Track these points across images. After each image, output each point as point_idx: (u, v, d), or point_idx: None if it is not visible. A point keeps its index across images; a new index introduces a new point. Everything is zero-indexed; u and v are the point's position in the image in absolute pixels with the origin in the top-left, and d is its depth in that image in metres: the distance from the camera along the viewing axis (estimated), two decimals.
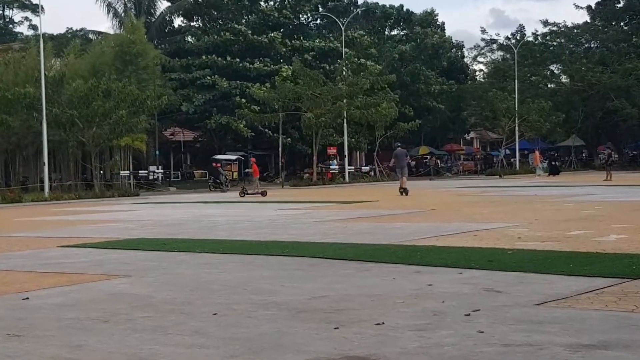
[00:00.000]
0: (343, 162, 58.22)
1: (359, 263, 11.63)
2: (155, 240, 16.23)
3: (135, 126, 46.33)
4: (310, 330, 7.14)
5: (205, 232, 18.15)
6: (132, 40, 50.99)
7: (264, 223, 20.31)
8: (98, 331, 7.37)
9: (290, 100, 54.11)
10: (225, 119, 57.32)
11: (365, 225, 18.81)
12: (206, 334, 7.08)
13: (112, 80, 45.21)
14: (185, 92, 57.67)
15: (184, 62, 60.20)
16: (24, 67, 49.54)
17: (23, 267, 12.45)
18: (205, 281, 10.36)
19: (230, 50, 61.18)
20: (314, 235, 16.15)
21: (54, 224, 22.93)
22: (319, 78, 54.35)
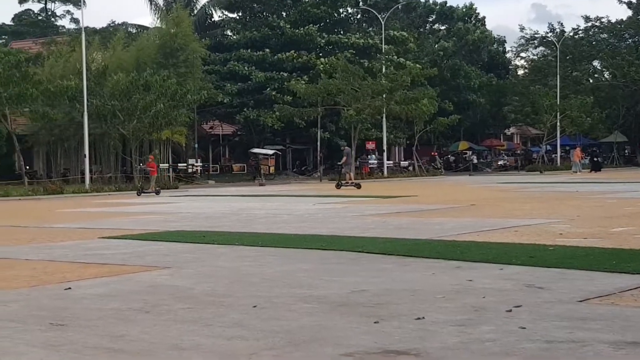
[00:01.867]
0: (382, 157, 58.06)
1: (399, 258, 11.60)
2: (194, 233, 16.32)
3: (174, 119, 46.57)
4: (350, 324, 7.13)
5: (244, 225, 18.20)
6: (174, 33, 51.21)
7: (303, 217, 20.33)
8: (139, 322, 7.42)
9: (329, 95, 54.02)
10: (256, 113, 57.44)
11: (404, 220, 18.75)
12: (246, 326, 7.11)
13: (151, 74, 45.45)
14: (221, 84, 57.87)
15: (223, 56, 60.37)
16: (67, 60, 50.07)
17: (65, 257, 12.58)
18: (245, 274, 10.39)
19: (267, 43, 61.30)
20: (353, 230, 16.14)
21: (94, 215, 23.15)
22: (359, 73, 54.20)
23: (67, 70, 48.43)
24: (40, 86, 44.41)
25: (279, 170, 61.24)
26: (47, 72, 49.46)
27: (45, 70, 50.08)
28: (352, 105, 53.35)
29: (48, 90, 44.32)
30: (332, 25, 65.48)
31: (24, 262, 12.06)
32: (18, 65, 45.31)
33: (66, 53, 51.51)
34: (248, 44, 61.08)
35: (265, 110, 57.45)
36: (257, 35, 60.87)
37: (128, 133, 44.92)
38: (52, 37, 65.96)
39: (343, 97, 53.57)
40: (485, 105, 73.65)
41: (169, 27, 52.49)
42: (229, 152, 71.54)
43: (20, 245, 14.69)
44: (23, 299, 8.78)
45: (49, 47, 57.39)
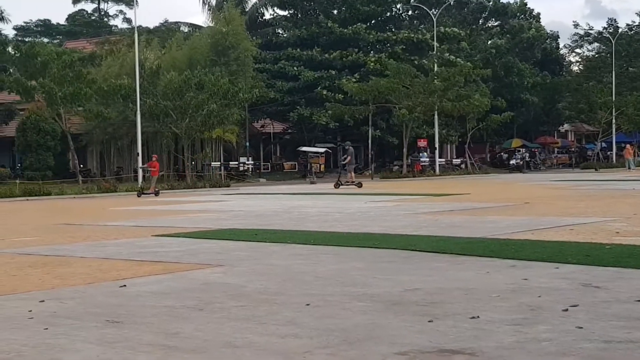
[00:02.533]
0: (433, 155, 57.79)
1: (452, 256, 11.53)
2: (246, 231, 16.39)
3: (226, 118, 46.87)
4: (404, 322, 7.10)
5: (296, 223, 18.24)
6: (225, 32, 51.51)
7: (354, 215, 20.32)
8: (193, 319, 7.47)
9: (380, 93, 53.91)
10: (308, 111, 57.50)
11: (457, 218, 18.64)
12: (300, 324, 7.11)
13: (204, 73, 45.78)
14: (272, 83, 58.07)
15: (273, 55, 60.56)
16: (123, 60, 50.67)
17: (119, 255, 12.72)
18: (298, 272, 10.41)
19: (317, 42, 61.38)
20: (406, 228, 16.08)
21: (147, 213, 23.38)
22: (411, 71, 54.00)
23: (123, 69, 49.03)
24: (93, 85, 44.97)
25: (329, 169, 61.27)
26: (103, 72, 50.11)
27: (102, 70, 50.75)
28: (403, 102, 53.17)
29: (101, 90, 44.88)
30: (383, 23, 65.32)
31: (79, 260, 12.22)
32: (72, 65, 45.98)
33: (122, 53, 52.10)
34: (297, 43, 61.23)
35: (317, 108, 57.51)
36: (305, 34, 60.99)
37: (180, 132, 45.31)
38: (105, 36, 66.85)
39: (394, 96, 53.42)
40: (539, 102, 72.84)
41: (221, 26, 52.80)
42: (280, 151, 71.78)
43: (76, 243, 14.89)
44: (79, 296, 8.89)
45: (103, 46, 58.14)
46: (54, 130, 48.52)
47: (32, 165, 48.17)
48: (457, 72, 54.09)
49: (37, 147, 48.21)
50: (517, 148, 71.85)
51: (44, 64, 46.01)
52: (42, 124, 48.09)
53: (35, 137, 47.97)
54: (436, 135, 56.41)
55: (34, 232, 17.40)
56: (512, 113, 60.87)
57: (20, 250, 13.80)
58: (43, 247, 14.24)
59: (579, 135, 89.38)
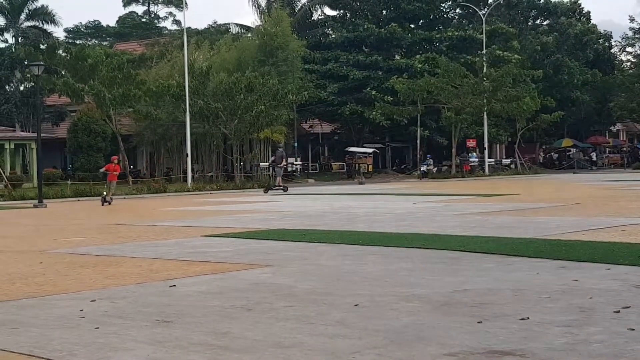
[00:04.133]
0: (483, 155, 57.44)
1: (501, 257, 11.45)
2: (295, 231, 16.44)
3: (275, 119, 47.04)
4: (453, 323, 7.08)
5: (344, 223, 18.25)
6: (274, 32, 51.66)
7: (403, 215, 20.27)
8: (242, 319, 7.52)
9: (429, 93, 53.72)
10: (360, 108, 57.47)
11: (506, 218, 18.51)
12: (348, 325, 7.12)
13: (254, 75, 45.97)
14: (321, 83, 58.14)
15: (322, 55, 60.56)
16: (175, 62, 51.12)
17: (169, 255, 12.84)
18: (346, 272, 10.42)
19: (365, 42, 61.39)
20: (455, 228, 16.01)
21: (197, 214, 23.55)
22: (460, 70, 53.71)
23: (174, 71, 49.49)
24: (142, 87, 45.39)
25: (378, 169, 61.19)
26: (154, 74, 50.59)
27: (152, 72, 51.25)
28: (452, 102, 52.92)
29: (150, 91, 45.28)
30: (430, 23, 65.08)
31: (129, 260, 12.36)
32: (121, 67, 46.48)
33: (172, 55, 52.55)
34: (345, 44, 61.20)
35: (367, 108, 57.46)
36: (353, 36, 60.99)
37: (230, 132, 45.56)
38: (155, 38, 67.45)
39: (443, 96, 53.17)
40: (590, 101, 71.94)
41: (269, 27, 53.01)
42: (328, 151, 71.85)
43: (126, 243, 15.06)
44: (130, 295, 9.00)
45: (152, 48, 58.70)
46: (105, 131, 49.13)
47: (83, 166, 48.82)
48: (506, 72, 53.65)
49: (87, 148, 48.87)
50: (568, 148, 71.16)
51: (93, 66, 46.60)
52: (92, 125, 48.73)
53: (86, 138, 48.63)
54: (485, 135, 56.07)
55: (85, 233, 17.64)
56: (562, 112, 60.21)
57: (71, 250, 14.00)
58: (94, 247, 14.43)
59: (631, 134, 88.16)
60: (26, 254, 13.55)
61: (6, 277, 10.71)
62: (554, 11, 76.73)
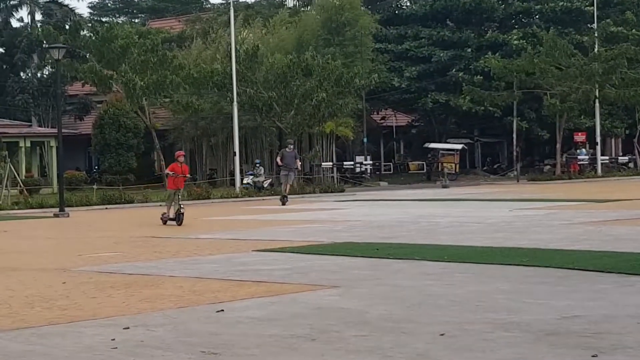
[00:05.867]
0: (594, 151, 56.80)
1: (620, 276, 11.35)
2: (366, 245, 16.45)
3: (339, 109, 46.96)
4: (562, 357, 7.04)
5: (425, 235, 18.21)
6: (340, 5, 51.52)
7: (496, 226, 20.17)
8: (305, 351, 7.55)
9: (529, 76, 53.19)
10: (445, 97, 57.10)
11: (625, 229, 18.31)
12: (433, 358, 7.11)
13: (313, 55, 45.88)
14: (396, 65, 57.91)
15: (397, 32, 60.37)
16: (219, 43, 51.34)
17: (215, 273, 12.94)
18: (428, 294, 10.40)
19: (450, 16, 61.02)
20: (561, 241, 15.89)
21: (247, 224, 23.70)
22: (568, 48, 53.07)
23: (219, 53, 49.67)
24: (181, 72, 45.50)
25: (465, 169, 60.89)
26: (194, 56, 50.87)
27: (192, 54, 51.55)
28: (555, 88, 52.34)
29: (190, 77, 45.35)
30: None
31: (168, 279, 12.49)
32: (155, 48, 46.61)
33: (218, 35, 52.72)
34: (426, 17, 60.88)
35: (452, 94, 57.07)
36: (437, 6, 60.65)
37: (285, 126, 45.67)
38: (196, 13, 67.86)
39: (546, 80, 52.56)
40: None
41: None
42: (404, 147, 71.71)
43: (164, 259, 15.21)
44: (170, 322, 9.10)
45: (193, 25, 59.04)
46: (136, 126, 49.56)
47: (111, 167, 49.34)
48: (622, 51, 52.80)
49: (116, 146, 49.32)
50: None
51: (123, 47, 46.82)
52: (122, 119, 49.14)
53: (115, 134, 49.07)
54: (597, 128, 55.34)
55: (115, 247, 17.85)
56: None
57: (100, 267, 14.19)
58: (126, 264, 14.60)
59: None
60: (47, 273, 13.77)
61: (24, 300, 10.90)
62: None
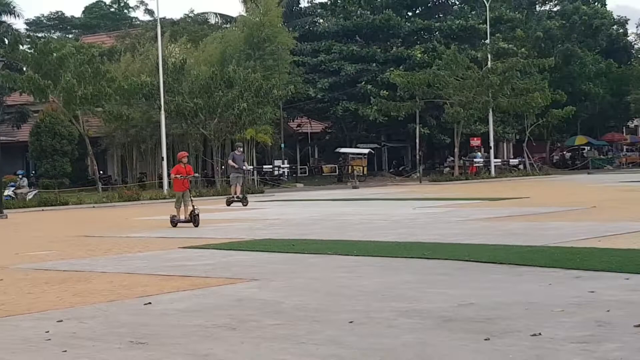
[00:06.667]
0: (488, 155, 57.54)
1: (510, 267, 11.49)
2: (283, 241, 16.44)
3: (259, 117, 46.93)
4: (458, 341, 7.09)
5: (337, 232, 18.25)
6: (261, 22, 51.51)
7: (401, 222, 20.31)
8: (226, 339, 7.51)
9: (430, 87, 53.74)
10: (354, 105, 57.45)
11: (516, 224, 18.56)
12: (342, 344, 7.12)
13: (235, 69, 45.85)
14: (311, 77, 58.13)
15: (312, 46, 60.53)
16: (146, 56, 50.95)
17: (144, 269, 12.83)
18: (340, 286, 10.42)
19: (358, 32, 61.43)
20: (459, 236, 16.04)
21: None
22: (465, 61, 53.73)
23: (146, 66, 49.31)
24: (113, 84, 45.11)
25: (373, 171, 61.23)
26: (123, 69, 50.42)
27: (121, 67, 51.08)
28: (454, 97, 52.94)
29: (122, 88, 45.00)
30: (429, 10, 65.24)
31: (100, 275, 12.33)
32: (91, 61, 46.13)
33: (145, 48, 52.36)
34: (338, 33, 61.19)
35: (361, 104, 57.41)
36: (345, 24, 61.01)
37: (209, 133, 45.49)
38: (126, 30, 67.26)
39: (445, 91, 53.16)
40: (605, 95, 72.05)
41: (256, 16, 52.90)
42: (319, 152, 71.84)
43: (96, 257, 15.03)
44: (100, 315, 8.98)
45: (123, 40, 58.54)
46: (71, 133, 48.87)
47: (47, 172, 48.58)
48: (513, 64, 53.64)
49: (52, 153, 48.58)
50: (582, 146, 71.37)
51: (60, 59, 46.16)
52: (57, 127, 48.40)
53: (51, 141, 48.32)
54: (491, 133, 56.13)
55: (50, 246, 17.59)
56: (573, 108, 60.21)
57: (35, 265, 13.96)
58: (60, 261, 14.39)
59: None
60: None
61: None
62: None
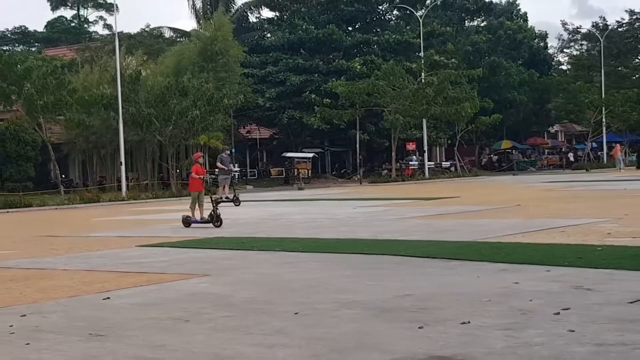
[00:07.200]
0: (423, 158, 57.88)
1: (443, 261, 11.56)
2: (233, 239, 16.38)
3: (211, 124, 46.78)
4: (395, 329, 7.12)
5: (284, 230, 18.23)
6: (214, 37, 51.44)
7: (343, 221, 20.33)
8: (180, 331, 7.47)
9: (369, 96, 53.94)
10: (299, 114, 57.56)
11: (447, 222, 18.69)
12: (288, 334, 7.12)
13: (189, 79, 45.73)
14: (259, 87, 58.12)
15: (260, 59, 60.50)
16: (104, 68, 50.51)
17: (103, 267, 12.70)
18: (286, 280, 10.42)
19: (303, 45, 61.55)
20: (395, 233, 16.11)
21: (131, 223, 23.32)
22: (401, 73, 54.05)
23: (104, 77, 48.91)
24: (74, 94, 44.73)
25: (317, 174, 61.26)
26: (82, 80, 49.94)
27: (80, 78, 50.57)
28: (392, 106, 53.20)
29: (82, 99, 44.66)
30: (368, 25, 65.50)
31: (62, 273, 12.19)
32: (53, 72, 45.67)
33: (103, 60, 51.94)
34: (284, 46, 61.25)
35: (306, 112, 57.52)
36: (291, 38, 61.09)
37: (164, 139, 45.21)
38: (86, 43, 66.60)
39: (383, 100, 53.41)
40: (528, 102, 72.99)
41: (209, 32, 52.79)
42: (267, 156, 71.73)
43: (58, 255, 14.84)
44: (62, 309, 8.88)
45: (83, 53, 57.97)
46: (34, 140, 48.26)
47: (12, 176, 47.91)
48: (446, 77, 54.14)
49: (17, 158, 47.94)
50: (507, 149, 72.14)
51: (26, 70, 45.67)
52: (22, 134, 47.80)
53: (15, 147, 47.69)
54: (425, 138, 56.49)
55: (14, 245, 17.34)
56: (500, 115, 60.81)
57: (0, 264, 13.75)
58: (24, 260, 14.18)
59: (570, 135, 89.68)
60: None
61: None
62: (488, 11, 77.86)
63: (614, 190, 30.39)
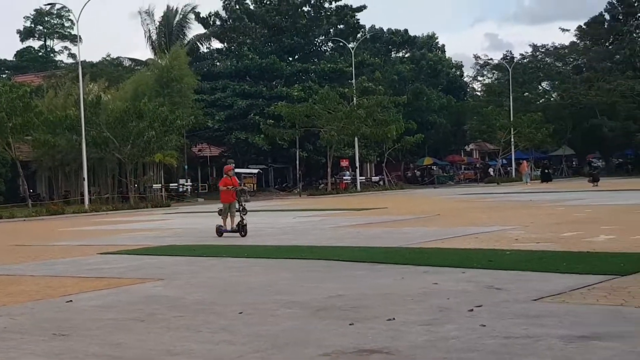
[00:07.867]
0: (355, 173, 58.10)
1: (371, 265, 11.60)
2: (185, 247, 16.24)
3: (166, 144, 46.45)
4: (328, 326, 7.12)
5: (231, 239, 18.12)
6: (170, 66, 51.25)
7: (284, 229, 20.29)
8: (136, 330, 7.38)
9: (308, 117, 54.19)
10: (244, 135, 57.57)
11: (376, 230, 18.76)
12: (233, 331, 7.08)
13: (146, 103, 45.39)
14: (209, 110, 57.97)
15: (210, 85, 60.42)
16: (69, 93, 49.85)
17: (66, 272, 12.48)
18: (232, 283, 10.35)
19: (248, 73, 61.63)
20: (330, 240, 16.12)
21: (93, 233, 22.98)
22: (335, 98, 54.53)
23: (69, 102, 48.30)
24: (41, 116, 44.13)
25: (261, 187, 61.11)
26: (47, 103, 49.27)
27: (45, 102, 49.86)
28: (327, 127, 53.48)
29: (48, 120, 44.09)
30: (306, 55, 65.86)
31: (29, 278, 11.95)
32: (22, 96, 44.98)
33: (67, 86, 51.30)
34: (232, 74, 61.30)
35: (251, 133, 57.59)
36: (237, 66, 61.18)
37: (123, 157, 44.74)
38: (52, 71, 65.71)
39: (319, 122, 53.73)
40: (447, 124, 74.04)
41: (166, 61, 52.62)
42: (217, 172, 71.31)
43: (26, 262, 14.55)
44: (28, 312, 8.71)
45: (50, 80, 57.18)
46: (4, 158, 47.34)
47: None
48: (377, 102, 54.82)
49: None
50: (429, 165, 72.82)
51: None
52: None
53: None
54: (356, 156, 56.75)
55: None
56: (422, 135, 61.42)
57: None
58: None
59: (483, 152, 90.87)
60: None
61: None
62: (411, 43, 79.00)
63: (521, 201, 30.83)
